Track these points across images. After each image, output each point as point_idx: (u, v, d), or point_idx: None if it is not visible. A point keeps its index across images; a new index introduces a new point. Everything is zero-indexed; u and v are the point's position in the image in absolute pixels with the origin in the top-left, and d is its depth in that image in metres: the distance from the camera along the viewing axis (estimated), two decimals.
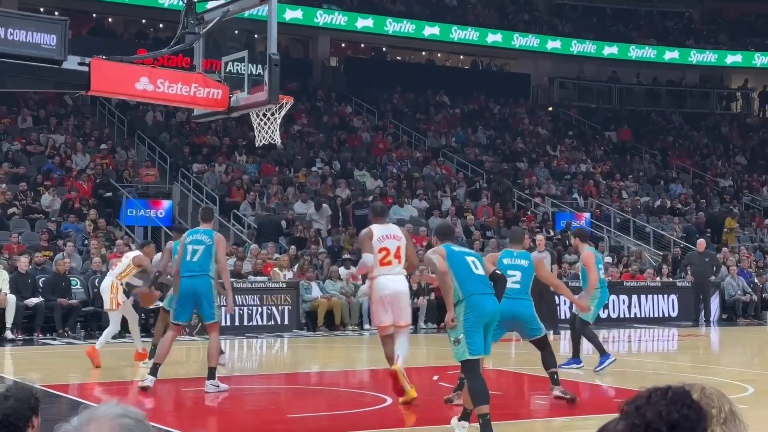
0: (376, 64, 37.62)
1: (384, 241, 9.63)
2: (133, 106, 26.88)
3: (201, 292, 10.52)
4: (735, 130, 39.22)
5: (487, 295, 7.83)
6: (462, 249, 8.27)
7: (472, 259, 7.99)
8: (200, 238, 10.69)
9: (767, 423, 8.67)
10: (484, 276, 7.92)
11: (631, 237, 27.14)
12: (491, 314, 7.81)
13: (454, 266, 7.83)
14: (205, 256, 10.53)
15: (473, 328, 7.70)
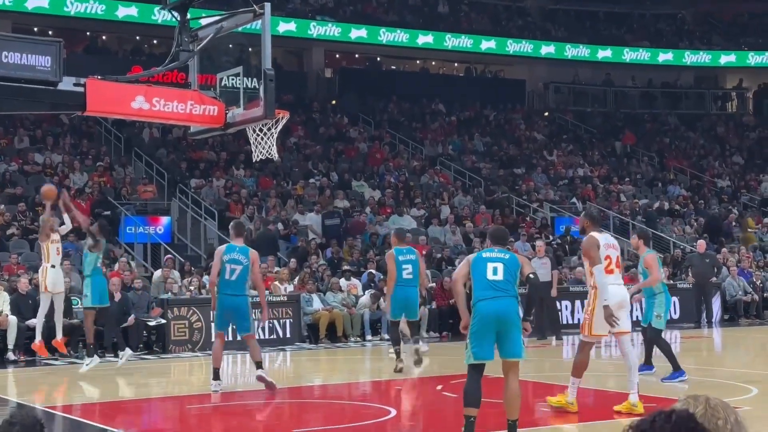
0: (371, 74, 37.67)
1: (608, 249, 9.82)
2: (129, 123, 26.90)
3: (238, 311, 11.57)
4: (731, 130, 39.28)
5: (493, 300, 7.81)
6: (492, 255, 8.05)
7: (494, 265, 7.95)
8: (237, 257, 11.54)
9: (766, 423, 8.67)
10: (500, 280, 7.88)
11: (630, 240, 27.10)
12: (496, 318, 7.77)
13: (474, 272, 8.04)
14: (242, 276, 11.54)
15: (479, 333, 7.76)
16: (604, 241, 9.73)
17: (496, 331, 7.79)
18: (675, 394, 10.62)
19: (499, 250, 8.24)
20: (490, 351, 7.82)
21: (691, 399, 2.43)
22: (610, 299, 9.43)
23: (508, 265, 7.99)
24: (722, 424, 2.37)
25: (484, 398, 8.02)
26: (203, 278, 19.01)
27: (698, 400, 2.42)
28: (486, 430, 8.47)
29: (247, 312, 11.68)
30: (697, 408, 2.39)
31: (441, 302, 19.97)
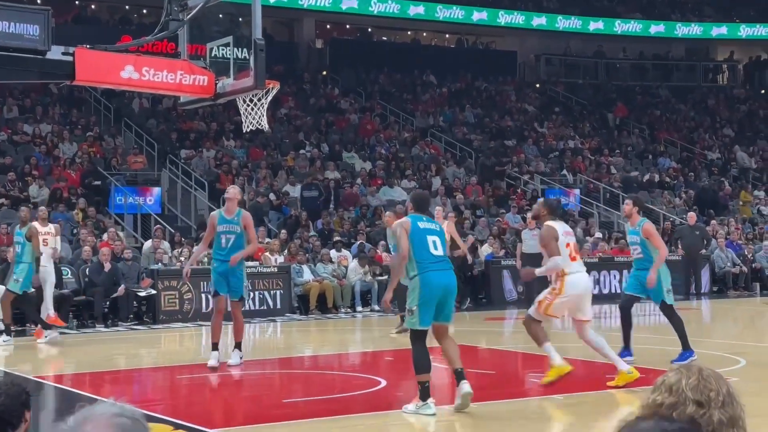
0: (362, 45, 37.51)
1: (567, 237, 9.79)
2: (119, 93, 26.75)
3: (234, 274, 11.38)
4: (722, 102, 39.28)
5: (441, 272, 8.37)
6: (427, 226, 8.51)
7: (433, 239, 8.43)
8: (231, 228, 11.32)
9: (759, 395, 8.73)
10: (442, 255, 8.45)
11: (620, 212, 27.16)
12: (445, 288, 8.36)
13: (414, 242, 8.36)
14: (236, 244, 11.30)
15: (428, 303, 8.26)
16: (562, 229, 9.71)
17: (438, 301, 8.32)
18: (658, 366, 10.68)
19: (427, 219, 8.68)
20: (431, 318, 8.35)
21: (684, 369, 2.43)
22: (577, 288, 9.57)
23: (441, 237, 8.53)
24: (714, 395, 2.37)
25: (475, 368, 8.04)
26: (193, 249, 19.00)
27: (691, 370, 2.42)
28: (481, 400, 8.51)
29: (242, 274, 11.58)
30: (690, 379, 2.39)
31: None
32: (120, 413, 2.02)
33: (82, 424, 1.99)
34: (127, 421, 2.01)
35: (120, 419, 2.01)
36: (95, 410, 2.04)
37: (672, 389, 2.37)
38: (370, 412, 8.82)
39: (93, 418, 2.01)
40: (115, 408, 2.04)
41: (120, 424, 2.00)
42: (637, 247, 11.33)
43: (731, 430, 2.37)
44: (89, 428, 1.97)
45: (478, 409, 8.90)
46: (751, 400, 8.14)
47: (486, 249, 21.53)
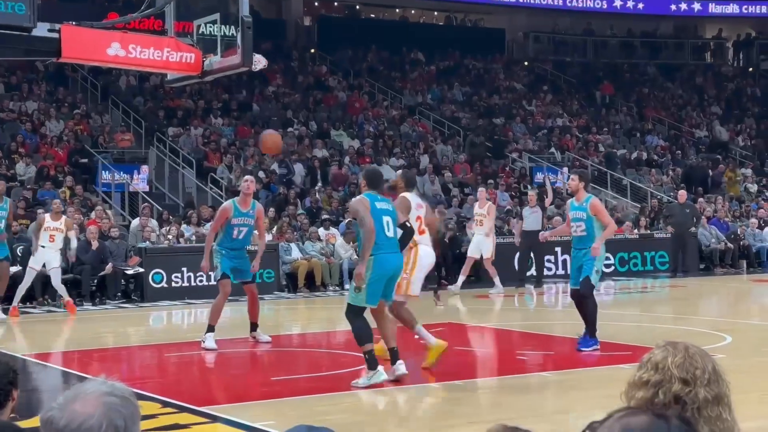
0: (350, 23, 37.35)
1: (419, 210, 9.77)
2: (105, 70, 26.62)
3: (244, 261, 11.63)
4: (710, 80, 39.29)
5: (392, 254, 8.65)
6: (382, 206, 8.67)
7: (387, 220, 8.62)
8: (246, 221, 11.46)
9: (745, 372, 8.78)
10: (393, 237, 8.68)
11: (608, 190, 27.25)
12: (394, 270, 8.70)
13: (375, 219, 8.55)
14: (247, 235, 11.61)
15: (378, 282, 8.54)
16: (416, 201, 9.74)
17: (387, 280, 8.63)
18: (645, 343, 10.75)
19: (382, 198, 8.83)
20: (378, 297, 8.63)
21: (670, 346, 2.43)
22: (429, 257, 9.67)
23: (393, 218, 8.72)
24: (700, 373, 2.38)
25: (465, 346, 8.07)
26: (181, 227, 18.98)
27: (677, 348, 2.42)
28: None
29: (248, 261, 11.77)
30: (676, 356, 2.39)
31: None
32: (110, 392, 2.01)
33: (71, 402, 1.98)
34: (116, 399, 2.00)
35: (109, 398, 1.99)
36: (85, 388, 2.02)
37: (658, 367, 2.37)
38: (358, 389, 8.84)
39: (82, 396, 1.99)
40: (105, 386, 2.03)
41: (109, 403, 1.98)
42: (581, 224, 10.58)
43: (717, 407, 2.37)
44: (78, 407, 1.96)
45: (467, 386, 8.95)
46: (737, 378, 8.18)
47: None
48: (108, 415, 1.96)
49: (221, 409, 7.81)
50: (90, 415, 1.95)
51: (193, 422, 7.29)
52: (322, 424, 2.26)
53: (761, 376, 9.06)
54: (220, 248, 11.43)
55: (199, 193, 22.85)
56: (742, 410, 2.33)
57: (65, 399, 2.00)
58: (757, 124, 35.28)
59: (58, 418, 1.96)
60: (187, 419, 7.37)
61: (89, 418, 1.94)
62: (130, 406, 2.02)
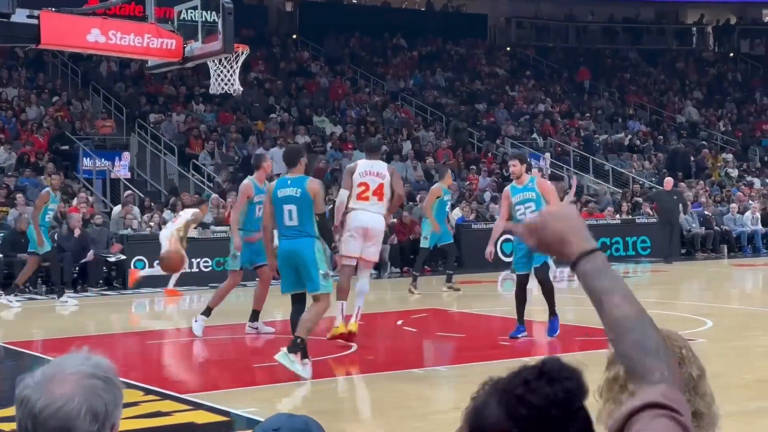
0: (332, 9, 37.22)
1: (365, 177, 9.73)
2: (86, 56, 26.45)
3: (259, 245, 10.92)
4: (691, 65, 39.40)
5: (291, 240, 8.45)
6: (286, 193, 8.44)
7: (289, 208, 8.43)
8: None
9: (725, 356, 8.85)
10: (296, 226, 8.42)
11: (591, 175, 27.32)
12: (294, 257, 8.42)
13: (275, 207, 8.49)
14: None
15: (281, 270, 8.65)
16: (364, 168, 9.74)
17: (294, 267, 8.42)
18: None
19: (293, 181, 8.47)
20: (290, 284, 8.55)
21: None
22: (355, 221, 9.71)
23: (301, 205, 8.35)
24: (686, 353, 2.39)
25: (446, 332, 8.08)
26: (163, 214, 18.91)
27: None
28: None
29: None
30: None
31: (402, 237, 20.04)
32: (92, 373, 1.85)
33: (49, 382, 1.84)
34: (98, 382, 1.84)
35: (91, 380, 1.84)
36: (64, 366, 1.87)
37: None
38: (340, 376, 8.86)
39: (61, 375, 1.84)
40: (87, 365, 1.86)
41: (90, 386, 1.83)
42: (531, 204, 10.23)
43: (704, 380, 2.39)
44: (56, 388, 1.82)
45: (449, 371, 8.98)
46: (717, 362, 8.25)
47: (456, 213, 21.57)
48: (88, 399, 1.82)
49: (203, 396, 7.81)
50: (69, 398, 1.81)
51: (175, 409, 7.28)
52: (303, 412, 2.26)
53: (742, 361, 9.12)
54: (244, 234, 10.92)
55: (181, 180, 22.78)
56: (722, 394, 2.35)
57: (43, 377, 1.85)
58: (738, 109, 35.42)
59: (35, 400, 1.82)
60: (169, 406, 7.37)
61: (68, 402, 1.81)
62: (112, 390, 1.87)
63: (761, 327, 11.57)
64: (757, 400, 7.40)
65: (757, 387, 7.89)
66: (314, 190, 8.41)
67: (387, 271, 19.65)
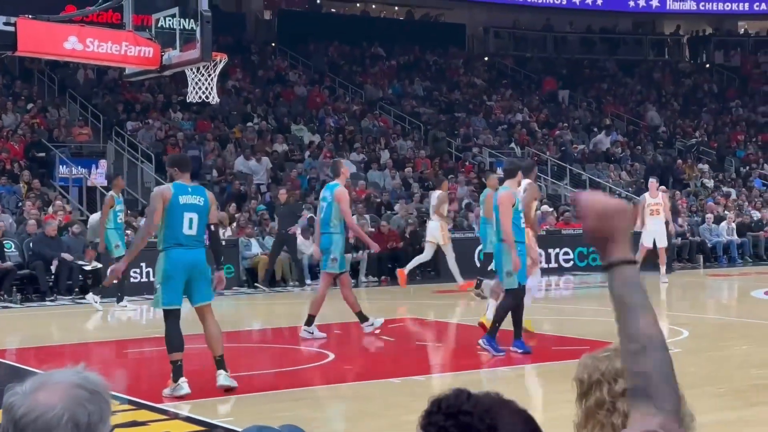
0: (311, 17, 37.25)
1: None
2: (63, 63, 26.31)
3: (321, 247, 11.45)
4: (667, 76, 39.67)
5: (190, 250, 8.06)
6: (188, 201, 8.10)
7: (190, 216, 8.08)
8: (326, 194, 11.47)
9: (699, 366, 8.90)
10: (194, 235, 8.09)
11: (567, 185, 27.43)
12: (191, 267, 8.07)
13: (169, 215, 8.04)
14: (327, 213, 11.32)
15: (169, 280, 8.04)
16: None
17: (186, 279, 8.07)
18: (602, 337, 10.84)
19: (194, 189, 8.24)
20: (178, 296, 8.12)
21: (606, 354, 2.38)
22: None
23: (201, 213, 8.13)
24: None
25: (424, 341, 8.07)
26: (140, 222, 18.82)
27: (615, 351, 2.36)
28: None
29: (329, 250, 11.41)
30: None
31: (380, 247, 20.01)
32: (80, 384, 1.86)
33: (35, 390, 1.85)
34: (84, 393, 1.86)
35: (77, 390, 1.85)
36: (54, 377, 1.89)
37: (622, 373, 2.29)
38: (318, 385, 8.84)
39: (49, 385, 1.86)
40: (77, 377, 1.88)
41: (75, 396, 1.84)
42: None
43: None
44: (41, 396, 1.83)
45: (427, 381, 8.97)
46: (693, 372, 8.29)
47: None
48: (71, 409, 1.82)
49: (180, 406, 7.77)
50: (51, 407, 1.82)
51: (151, 419, 7.25)
52: (280, 421, 2.25)
53: (717, 370, 9.17)
54: (339, 235, 11.28)
55: (158, 187, 22.67)
56: (697, 404, 2.35)
57: (31, 385, 1.86)
58: (714, 119, 35.68)
59: (18, 406, 1.82)
60: (145, 416, 7.33)
61: (49, 410, 1.81)
62: (98, 403, 1.87)
63: (737, 337, 11.64)
64: (733, 410, 7.44)
65: (734, 397, 7.93)
66: (213, 200, 8.34)
67: (363, 281, 19.64)
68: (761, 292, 16.39)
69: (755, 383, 8.39)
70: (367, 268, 19.79)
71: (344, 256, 11.69)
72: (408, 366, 9.70)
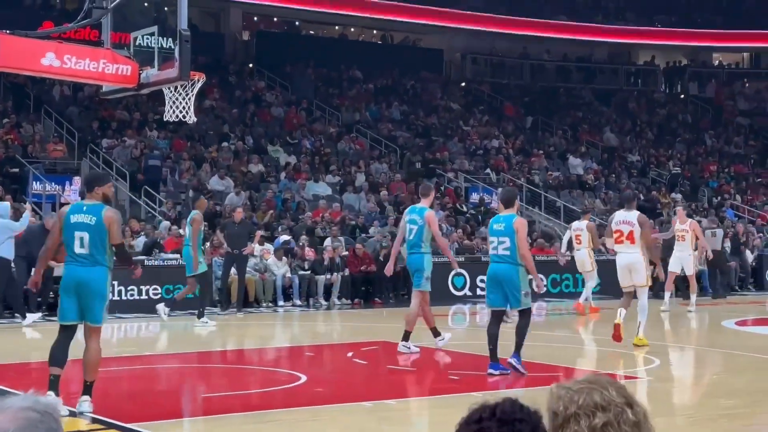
0: (289, 39, 37.33)
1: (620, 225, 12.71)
2: (39, 79, 26.21)
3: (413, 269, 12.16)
4: (642, 105, 40.02)
5: (77, 267, 8.08)
6: (78, 219, 8.08)
7: (81, 235, 8.07)
8: (414, 217, 12.08)
9: (671, 394, 8.93)
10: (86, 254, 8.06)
11: (542, 212, 27.53)
12: (77, 284, 8.07)
13: (64, 232, 8.11)
14: (419, 235, 12.00)
15: (61, 297, 8.23)
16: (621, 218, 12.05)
17: (77, 297, 8.07)
18: (573, 364, 10.87)
19: (89, 207, 8.14)
20: (70, 312, 8.15)
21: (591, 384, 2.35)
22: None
23: (93, 233, 8.04)
24: (630, 393, 2.38)
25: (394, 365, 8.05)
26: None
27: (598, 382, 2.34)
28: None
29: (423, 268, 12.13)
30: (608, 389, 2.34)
31: (354, 270, 20.01)
32: (30, 407, 1.97)
33: None
34: (35, 415, 1.96)
35: (28, 413, 1.95)
36: (8, 401, 1.99)
37: (602, 406, 2.32)
38: (289, 407, 8.80)
39: (2, 410, 1.97)
40: (28, 401, 1.99)
41: (26, 418, 1.94)
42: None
43: (648, 422, 2.38)
44: None
45: (398, 405, 8.95)
46: (664, 400, 8.32)
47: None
48: (23, 430, 1.93)
49: (150, 426, 7.70)
50: (4, 430, 1.91)
51: None
52: None
53: (687, 399, 9.21)
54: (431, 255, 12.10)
55: (133, 206, 22.59)
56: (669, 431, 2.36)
57: None
58: (687, 149, 35.99)
59: None
60: None
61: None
62: (49, 423, 1.98)
63: (707, 366, 11.69)
64: None
65: (703, 426, 7.96)
66: (110, 219, 8.07)
67: (336, 303, 19.59)
68: (732, 322, 16.49)
69: (725, 413, 8.42)
70: (340, 290, 19.75)
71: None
72: (380, 390, 9.67)
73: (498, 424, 1.73)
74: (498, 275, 10.17)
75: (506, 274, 10.10)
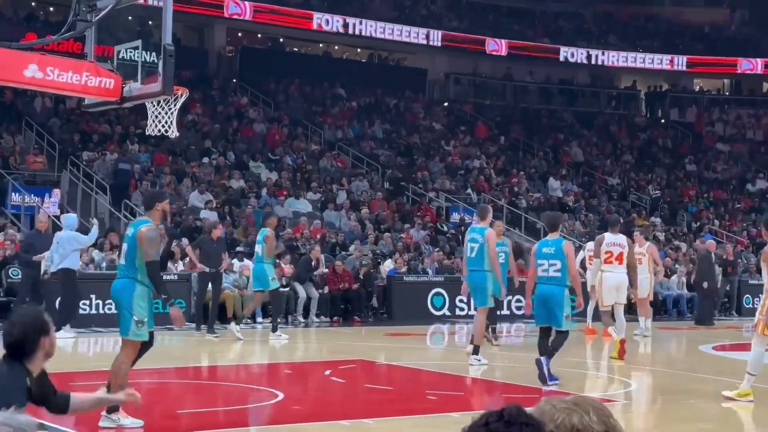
0: (273, 55, 37.39)
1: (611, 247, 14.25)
2: (20, 91, 26.12)
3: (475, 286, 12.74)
4: (623, 129, 40.27)
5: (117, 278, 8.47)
6: (126, 232, 8.60)
7: (123, 246, 8.49)
8: (475, 236, 12.71)
9: (647, 418, 8.94)
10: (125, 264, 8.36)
11: (522, 233, 27.59)
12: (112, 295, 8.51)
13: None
14: (479, 253, 12.56)
15: None
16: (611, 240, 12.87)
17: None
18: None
19: (136, 222, 8.71)
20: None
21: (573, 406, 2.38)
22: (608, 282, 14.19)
23: (128, 247, 8.36)
24: (613, 422, 2.39)
25: (373, 384, 8.02)
26: (92, 253, 18.62)
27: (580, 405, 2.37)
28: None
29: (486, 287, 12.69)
30: (588, 414, 2.36)
31: (333, 287, 19.98)
32: (4, 422, 2.02)
33: None
34: (8, 430, 1.99)
35: (3, 429, 1.99)
36: None
37: (576, 429, 2.33)
38: (266, 425, 8.77)
39: None
40: (4, 418, 2.02)
41: None
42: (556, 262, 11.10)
43: None
44: None
45: (376, 424, 8.93)
46: (640, 422, 8.35)
47: (389, 264, 21.61)
48: None
49: None
50: None
51: None
52: None
53: (664, 424, 9.23)
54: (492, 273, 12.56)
55: (112, 220, 22.49)
56: None
57: None
58: (667, 174, 36.20)
59: None
60: None
61: None
62: None
63: (684, 391, 11.73)
64: None
65: None
66: (142, 235, 8.21)
67: (315, 321, 19.54)
68: (709, 347, 16.55)
69: None
70: (318, 308, 19.70)
71: None
72: (357, 409, 9.65)
73: (505, 425, 1.82)
74: (545, 296, 11.00)
75: (554, 296, 10.95)
